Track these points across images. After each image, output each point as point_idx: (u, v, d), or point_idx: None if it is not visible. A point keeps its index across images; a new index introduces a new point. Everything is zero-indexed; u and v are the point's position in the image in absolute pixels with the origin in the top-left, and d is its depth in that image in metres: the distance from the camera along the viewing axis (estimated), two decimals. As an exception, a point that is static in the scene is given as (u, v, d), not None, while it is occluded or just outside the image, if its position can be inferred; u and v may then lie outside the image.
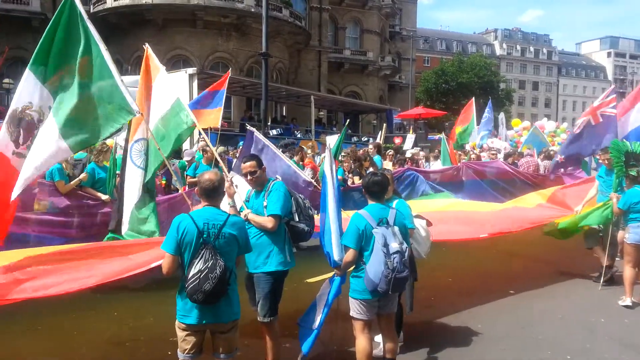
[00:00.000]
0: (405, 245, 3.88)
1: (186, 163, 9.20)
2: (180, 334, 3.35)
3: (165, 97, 5.22)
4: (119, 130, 4.69)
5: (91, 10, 29.38)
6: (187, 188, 7.32)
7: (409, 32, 52.39)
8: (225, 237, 3.29)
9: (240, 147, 8.40)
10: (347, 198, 6.90)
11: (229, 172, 5.37)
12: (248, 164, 4.16)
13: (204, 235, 3.22)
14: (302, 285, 6.52)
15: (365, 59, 42.13)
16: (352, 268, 3.99)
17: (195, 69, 17.35)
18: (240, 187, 4.40)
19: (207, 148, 9.46)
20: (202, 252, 3.17)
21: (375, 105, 33.64)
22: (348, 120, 15.01)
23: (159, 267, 3.39)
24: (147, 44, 5.48)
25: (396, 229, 3.91)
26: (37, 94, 4.41)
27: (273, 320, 4.10)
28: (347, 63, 41.40)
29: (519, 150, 13.89)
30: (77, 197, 6.14)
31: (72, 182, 6.08)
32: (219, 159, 5.16)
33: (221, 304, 3.27)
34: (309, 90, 28.66)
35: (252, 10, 28.00)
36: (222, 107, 9.87)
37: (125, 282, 4.09)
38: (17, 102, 4.42)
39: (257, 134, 5.98)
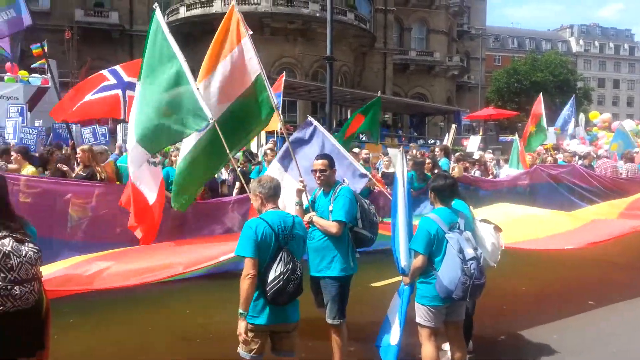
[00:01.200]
0: (479, 251, 3.75)
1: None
2: (248, 334, 3.40)
3: (247, 71, 4.79)
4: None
5: (166, 21, 30.81)
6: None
7: (478, 31, 50.88)
8: (295, 238, 3.36)
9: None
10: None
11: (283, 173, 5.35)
12: (320, 162, 4.16)
13: (280, 238, 3.27)
14: (368, 289, 6.46)
15: (432, 59, 41.36)
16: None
17: (262, 74, 17.65)
18: (288, 189, 4.41)
19: (269, 151, 9.63)
20: (281, 255, 3.22)
21: (442, 107, 32.94)
22: (379, 94, 14.25)
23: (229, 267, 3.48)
24: (234, 2, 5.11)
25: (469, 234, 3.78)
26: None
27: (342, 323, 4.08)
28: (413, 64, 40.83)
29: (607, 147, 13.10)
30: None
31: None
32: (293, 157, 5.11)
33: (288, 305, 3.32)
34: (374, 93, 28.49)
35: (318, 15, 28.29)
36: (280, 111, 9.91)
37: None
38: None
39: (317, 125, 5.83)
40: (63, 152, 8.45)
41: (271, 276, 3.18)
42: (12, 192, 4.29)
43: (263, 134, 13.71)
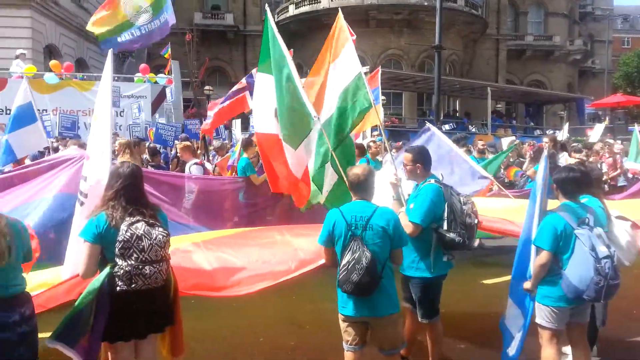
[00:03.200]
0: (613, 249, 3.42)
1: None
2: (342, 324, 3.44)
3: (350, 69, 5.12)
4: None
5: (276, 20, 31.97)
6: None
7: (604, 11, 46.44)
8: (373, 229, 3.28)
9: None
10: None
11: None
12: (404, 155, 4.18)
13: (352, 228, 3.28)
14: (478, 286, 6.24)
15: (551, 44, 38.48)
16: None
17: (368, 67, 17.68)
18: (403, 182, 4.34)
19: (372, 144, 9.61)
20: (351, 244, 3.24)
21: (561, 95, 30.57)
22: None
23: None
24: (340, 11, 5.50)
25: (600, 230, 3.46)
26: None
27: (432, 321, 3.97)
28: (529, 50, 38.30)
29: None
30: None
31: (262, 176, 6.56)
32: (390, 154, 5.12)
33: (376, 296, 3.26)
34: (485, 81, 27.22)
35: (425, 3, 27.61)
36: (380, 104, 9.74)
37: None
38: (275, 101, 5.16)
39: (434, 130, 5.84)
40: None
41: (342, 264, 3.24)
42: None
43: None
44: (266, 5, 5.31)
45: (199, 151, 9.40)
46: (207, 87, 23.58)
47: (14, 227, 2.82)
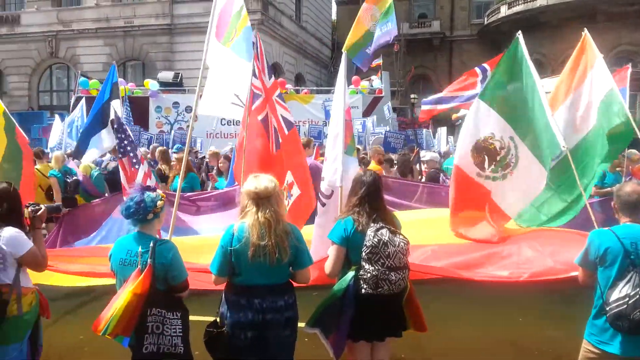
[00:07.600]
0: None
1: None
2: (590, 355, 3.05)
3: (601, 86, 5.04)
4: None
5: (485, 22, 30.77)
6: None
7: None
8: None
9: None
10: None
11: None
12: None
13: (632, 257, 2.85)
14: None
15: None
16: None
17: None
18: None
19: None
20: (631, 275, 2.83)
21: None
22: None
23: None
24: (586, 30, 5.50)
25: None
26: (497, 126, 4.81)
27: None
28: None
29: None
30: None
31: None
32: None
33: None
34: None
35: (670, -12, 23.61)
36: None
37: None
38: (480, 132, 4.94)
39: None
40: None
41: (614, 296, 2.83)
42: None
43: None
44: (518, 34, 4.89)
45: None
46: (412, 96, 23.84)
47: (293, 228, 3.03)
